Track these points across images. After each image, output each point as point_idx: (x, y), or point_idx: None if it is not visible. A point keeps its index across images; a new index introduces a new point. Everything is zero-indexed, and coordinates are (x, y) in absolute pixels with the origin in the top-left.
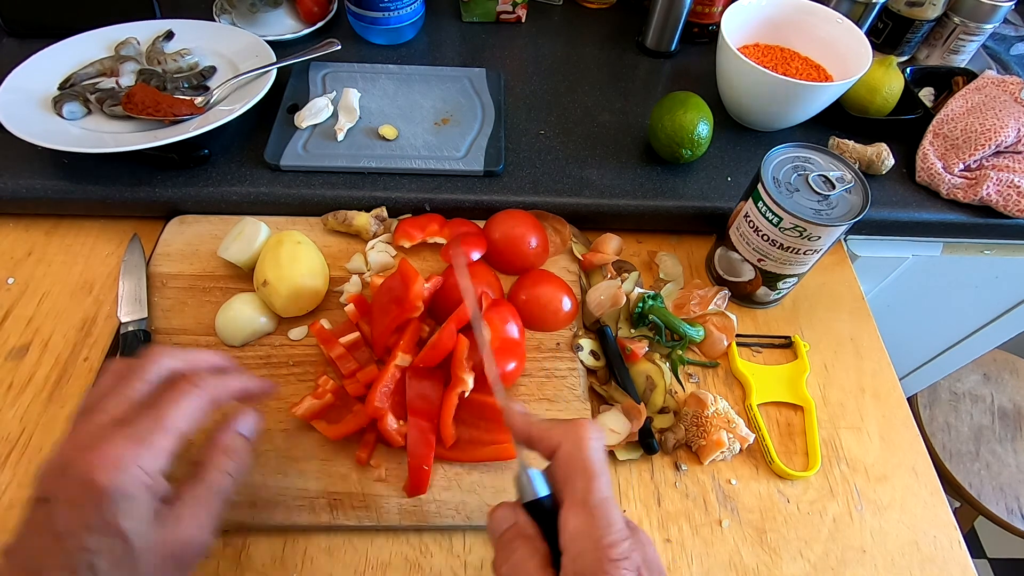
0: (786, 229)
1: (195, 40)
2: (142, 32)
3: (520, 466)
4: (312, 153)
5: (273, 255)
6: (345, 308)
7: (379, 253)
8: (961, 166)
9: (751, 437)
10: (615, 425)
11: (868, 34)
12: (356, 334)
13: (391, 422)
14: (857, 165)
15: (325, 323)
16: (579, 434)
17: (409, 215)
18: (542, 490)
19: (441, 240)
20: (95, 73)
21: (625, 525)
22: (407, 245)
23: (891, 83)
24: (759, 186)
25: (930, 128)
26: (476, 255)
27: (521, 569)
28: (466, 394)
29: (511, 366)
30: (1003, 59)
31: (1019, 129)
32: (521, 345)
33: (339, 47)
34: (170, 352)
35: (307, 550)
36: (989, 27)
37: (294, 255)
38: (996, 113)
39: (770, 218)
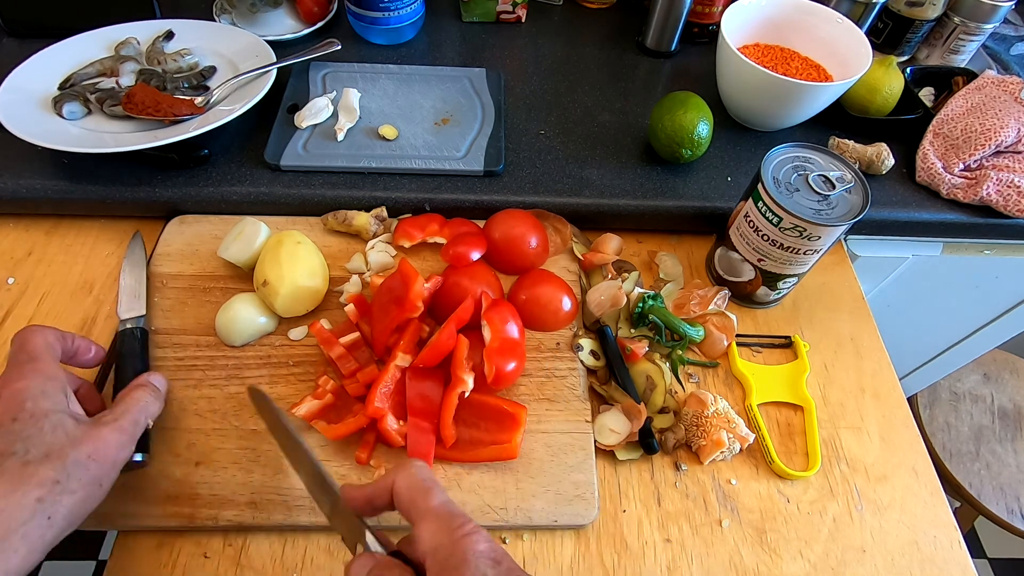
0: (786, 229)
1: (195, 40)
2: (142, 32)
3: (365, 538)
4: (312, 153)
5: (273, 255)
6: (345, 308)
7: (379, 253)
8: (961, 166)
9: (751, 437)
10: (615, 425)
11: (868, 34)
12: (356, 334)
13: (391, 422)
14: (857, 165)
15: (325, 323)
16: (403, 467)
17: (409, 215)
18: (387, 549)
19: (441, 240)
20: (95, 73)
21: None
22: (407, 245)
23: (891, 83)
24: (759, 186)
25: (930, 128)
26: (476, 255)
27: None
28: (466, 394)
29: (511, 366)
30: (1003, 59)
31: (1019, 129)
32: (521, 345)
33: (339, 47)
34: None
35: (307, 550)
36: (989, 27)
37: (294, 255)
38: (996, 113)
39: (770, 218)
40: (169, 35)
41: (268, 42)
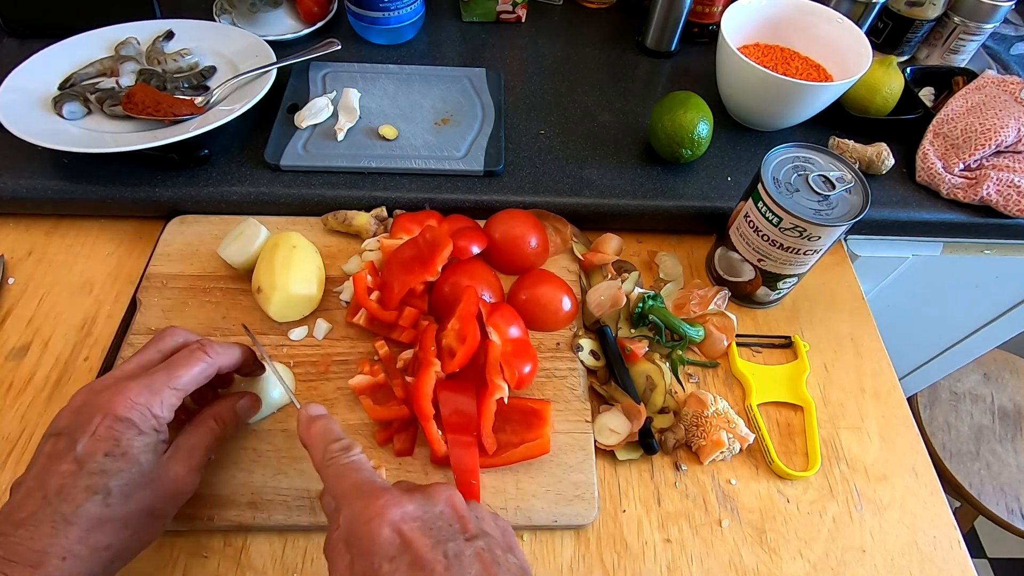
0: (786, 229)
1: (195, 40)
2: (142, 32)
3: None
4: (312, 153)
5: (267, 261)
6: (362, 271)
7: (376, 253)
8: (961, 166)
9: (751, 437)
10: (615, 425)
11: (868, 34)
12: (377, 293)
13: (434, 430)
14: (857, 165)
15: (369, 277)
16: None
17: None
18: None
19: None
20: (95, 73)
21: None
22: (405, 240)
23: (891, 83)
24: (759, 186)
25: (930, 128)
26: (476, 248)
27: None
28: (505, 400)
29: (527, 368)
30: (1003, 59)
31: (1019, 129)
32: (531, 346)
33: (339, 47)
34: (181, 331)
35: (307, 550)
36: (989, 27)
37: (288, 261)
38: (996, 113)
39: (770, 218)
40: (169, 35)
41: (268, 42)
